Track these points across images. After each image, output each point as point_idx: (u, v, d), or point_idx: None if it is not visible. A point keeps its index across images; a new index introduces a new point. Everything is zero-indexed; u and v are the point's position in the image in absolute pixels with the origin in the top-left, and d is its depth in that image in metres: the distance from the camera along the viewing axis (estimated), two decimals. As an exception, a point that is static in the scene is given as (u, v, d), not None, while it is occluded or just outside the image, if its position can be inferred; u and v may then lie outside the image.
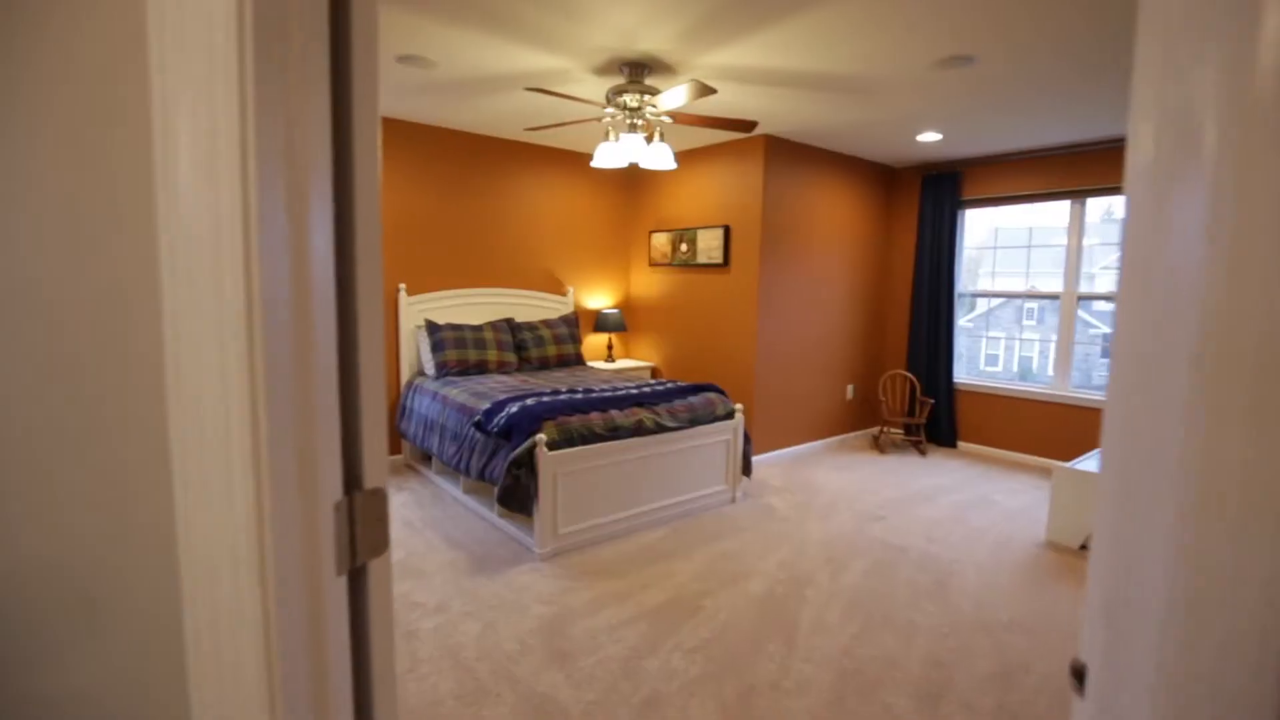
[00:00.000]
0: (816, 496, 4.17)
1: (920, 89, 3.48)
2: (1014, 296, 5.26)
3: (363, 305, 0.75)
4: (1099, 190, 4.66)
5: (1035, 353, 5.92)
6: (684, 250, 5.23)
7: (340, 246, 0.73)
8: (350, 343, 0.75)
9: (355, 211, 0.74)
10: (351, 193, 0.73)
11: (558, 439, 3.17)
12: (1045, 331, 5.42)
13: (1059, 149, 4.72)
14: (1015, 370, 5.76)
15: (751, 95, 3.68)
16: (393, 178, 4.51)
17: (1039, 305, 5.38)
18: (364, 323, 0.75)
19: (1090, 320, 5.44)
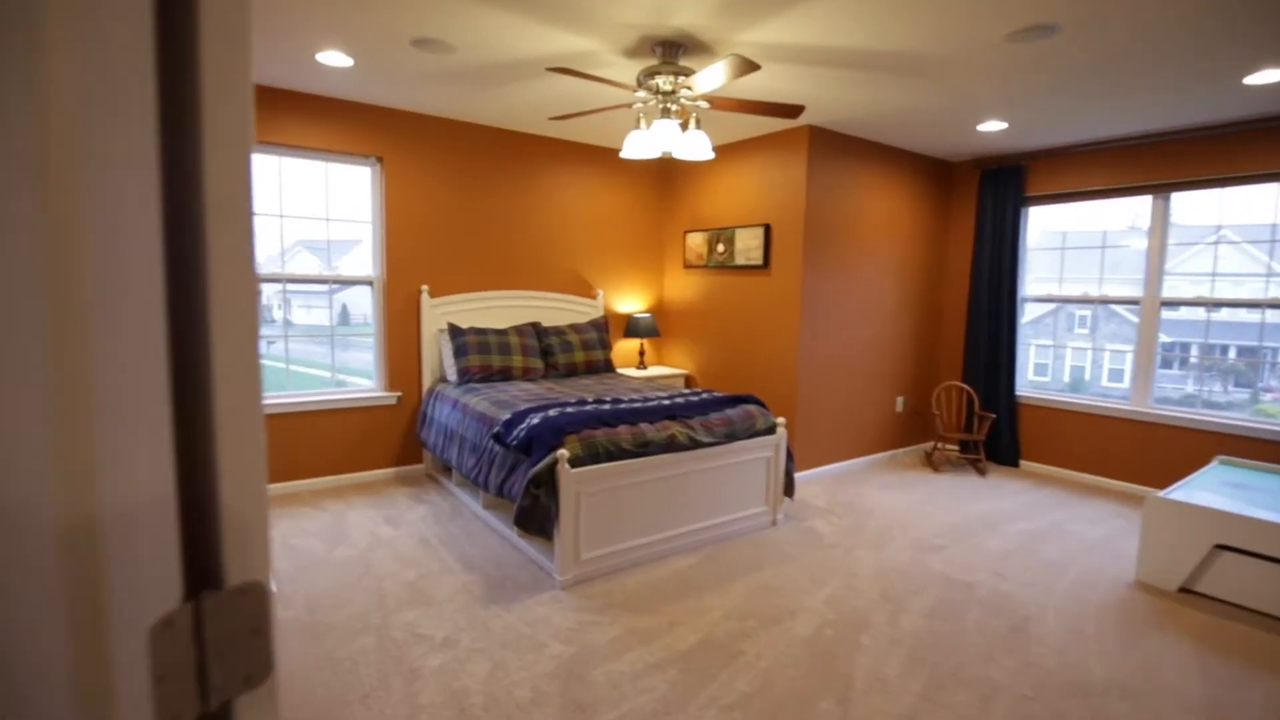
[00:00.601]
0: (866, 520, 3.79)
1: (987, 68, 3.10)
2: (1085, 302, 4.79)
3: (220, 296, 0.47)
4: (1187, 184, 4.17)
5: (1088, 363, 5.44)
6: (721, 251, 4.91)
7: (179, 217, 0.45)
8: (197, 352, 0.47)
9: (204, 169, 0.46)
10: (197, 146, 0.46)
11: (581, 455, 2.89)
12: (1098, 340, 4.95)
13: (1139, 139, 4.25)
14: (1065, 381, 5.28)
15: (795, 78, 3.35)
16: (413, 175, 4.32)
17: (1091, 312, 4.91)
18: (222, 323, 0.47)
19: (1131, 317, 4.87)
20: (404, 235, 4.31)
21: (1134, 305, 4.51)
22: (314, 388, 4.24)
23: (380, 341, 4.34)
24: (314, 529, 3.49)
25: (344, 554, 3.17)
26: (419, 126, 4.29)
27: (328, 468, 4.18)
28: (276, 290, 4.11)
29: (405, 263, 4.33)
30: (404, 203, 4.30)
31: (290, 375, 4.16)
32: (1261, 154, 3.86)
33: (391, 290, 4.30)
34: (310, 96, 3.90)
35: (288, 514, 3.70)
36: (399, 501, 3.93)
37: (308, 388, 4.25)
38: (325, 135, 3.99)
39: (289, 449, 4.04)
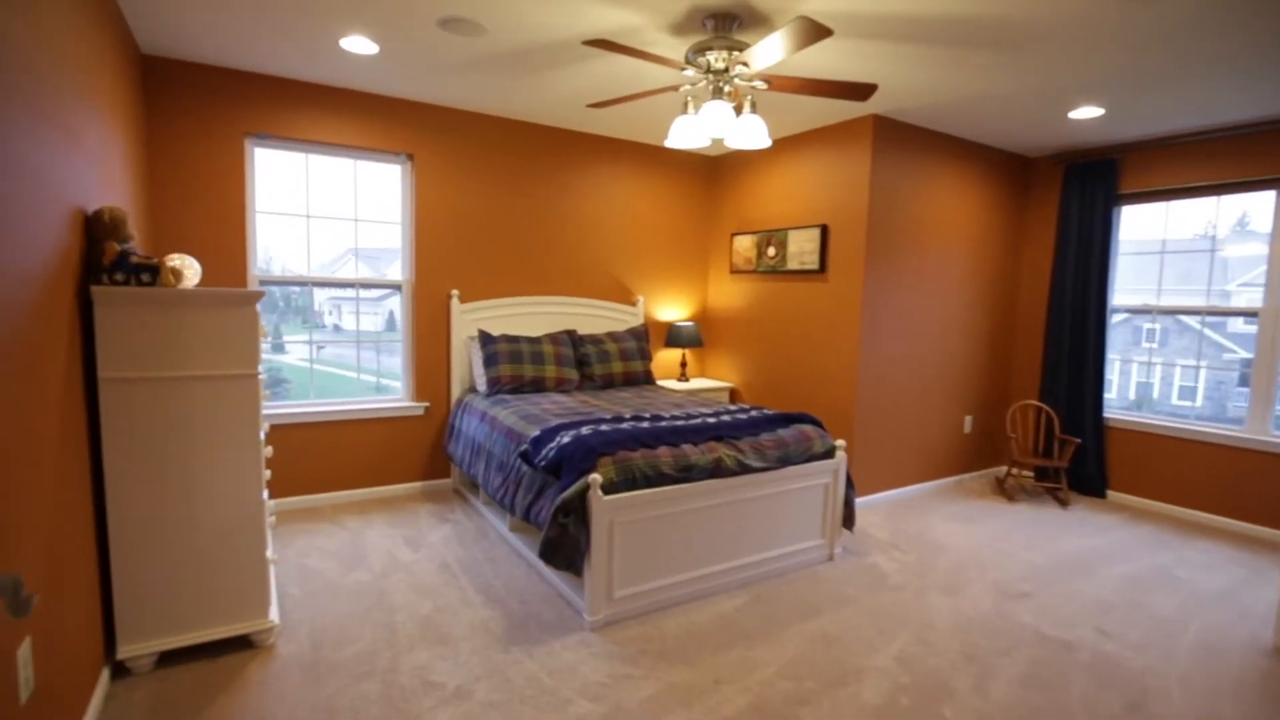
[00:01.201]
0: (936, 557, 3.35)
1: (1096, 37, 2.67)
2: (1189, 313, 4.23)
3: None
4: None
5: (1156, 378, 4.87)
6: (771, 255, 4.54)
7: None
8: None
9: None
10: None
11: (616, 479, 2.57)
12: (1168, 355, 4.42)
13: (1261, 125, 3.71)
14: (1132, 398, 4.71)
15: (865, 57, 2.98)
16: (444, 173, 4.10)
17: (1162, 325, 4.38)
18: None
19: (1224, 343, 4.33)
20: (434, 237, 4.09)
21: (1250, 317, 3.94)
22: (360, 394, 4.03)
23: (408, 349, 4.12)
24: (331, 548, 3.25)
25: (358, 579, 2.92)
26: (450, 122, 4.06)
27: (351, 481, 3.97)
28: (329, 296, 3.99)
29: (435, 266, 4.11)
30: (435, 202, 4.07)
31: (341, 381, 3.98)
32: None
33: (420, 295, 4.08)
34: (337, 90, 3.72)
35: (306, 531, 3.48)
36: (422, 520, 3.68)
37: (355, 394, 4.05)
38: (353, 131, 3.80)
39: (312, 461, 3.84)
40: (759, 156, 4.68)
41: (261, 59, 3.30)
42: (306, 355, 4.00)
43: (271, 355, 3.94)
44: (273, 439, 3.70)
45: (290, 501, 3.79)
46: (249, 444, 2.28)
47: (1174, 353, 4.49)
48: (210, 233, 3.50)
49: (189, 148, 3.41)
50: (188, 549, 2.21)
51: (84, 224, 2.12)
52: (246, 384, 2.26)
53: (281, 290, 3.86)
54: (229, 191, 3.52)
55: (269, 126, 3.59)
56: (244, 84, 3.50)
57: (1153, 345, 5.19)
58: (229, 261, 3.54)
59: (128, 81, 2.88)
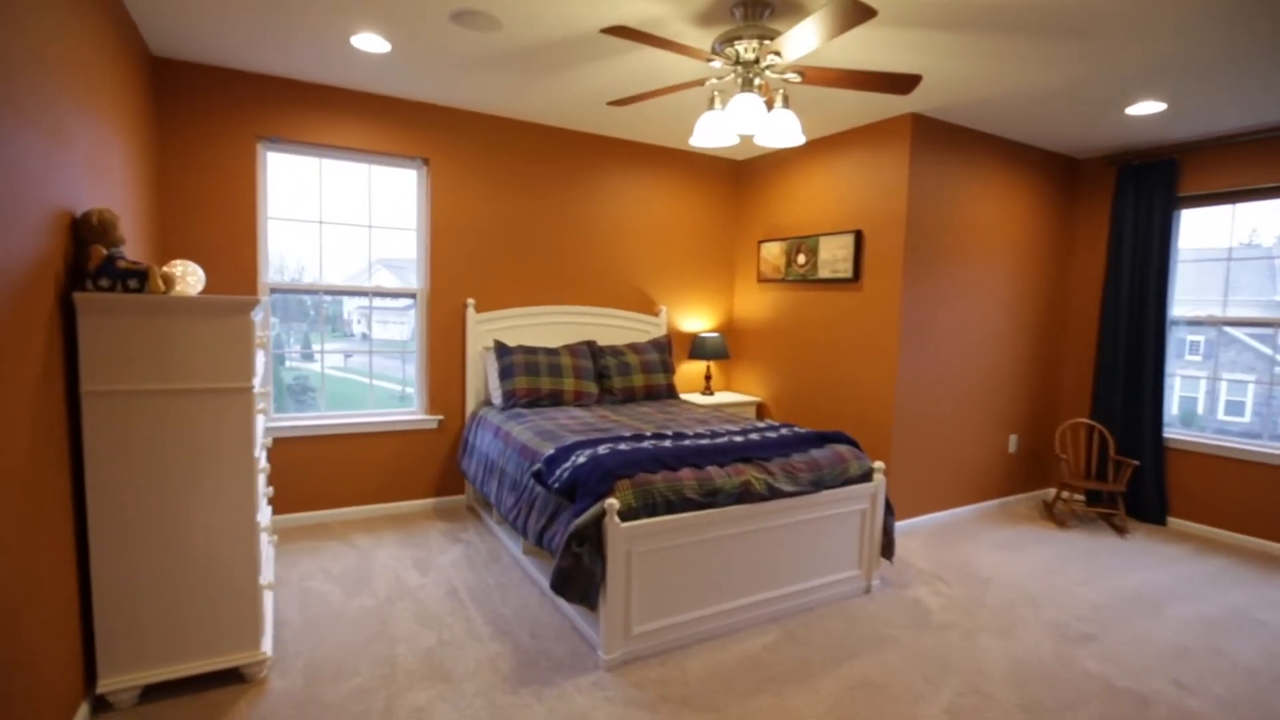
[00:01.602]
0: (983, 590, 3.07)
1: (1159, 20, 2.42)
2: (1261, 325, 3.88)
3: None
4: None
5: (1200, 392, 4.52)
6: (802, 263, 4.31)
7: None
8: None
9: None
10: None
11: (635, 505, 2.36)
12: (1212, 369, 4.11)
13: (1343, 121, 3.39)
14: (1175, 414, 4.36)
15: (903, 47, 2.76)
16: (460, 178, 3.96)
17: (1204, 337, 4.06)
18: None
19: (1262, 348, 3.97)
20: (450, 244, 3.95)
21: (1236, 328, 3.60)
22: (380, 404, 3.90)
23: (422, 360, 3.97)
24: (336, 570, 3.09)
25: (361, 605, 2.75)
26: (467, 124, 3.93)
27: (362, 497, 3.82)
28: (358, 305, 3.91)
29: (451, 274, 3.97)
30: (451, 208, 3.94)
31: (366, 390, 3.85)
32: None
33: (435, 304, 3.94)
34: (351, 92, 3.61)
35: (312, 549, 3.33)
36: (433, 540, 3.51)
37: (378, 404, 3.92)
38: (368, 134, 3.68)
39: (322, 476, 3.70)
40: (788, 160, 4.47)
41: (272, 59, 3.19)
42: (333, 363, 3.90)
43: (301, 364, 3.83)
44: (281, 453, 3.57)
45: (299, 518, 3.65)
46: (242, 463, 2.13)
47: (1220, 365, 4.17)
48: (220, 239, 3.39)
49: (200, 151, 3.32)
50: (175, 575, 2.06)
51: (71, 227, 2.00)
52: (239, 398, 2.11)
53: (313, 299, 3.77)
54: (240, 196, 3.42)
55: (282, 130, 3.49)
56: (256, 86, 3.40)
57: (1197, 358, 4.85)
58: (239, 268, 3.43)
59: (135, 83, 2.79)
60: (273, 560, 2.90)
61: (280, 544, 3.38)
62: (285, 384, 3.84)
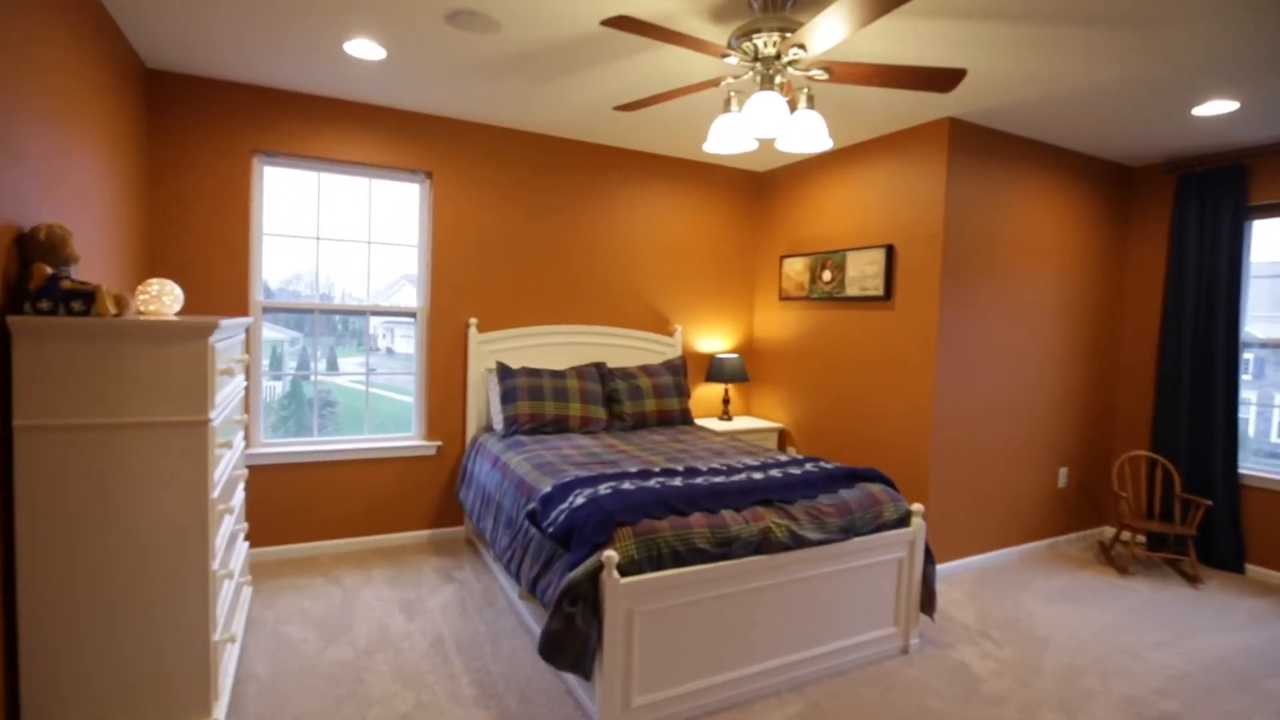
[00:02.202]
0: (1039, 654, 2.70)
1: (1239, 4, 2.10)
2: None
3: None
4: None
5: (1252, 417, 4.08)
6: (827, 279, 4.01)
7: None
8: None
9: None
10: None
11: (637, 556, 2.07)
12: (1266, 389, 3.68)
13: None
14: None
15: (942, 41, 2.47)
16: (464, 192, 3.75)
17: (1254, 356, 3.65)
18: None
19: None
20: (452, 261, 3.74)
21: None
22: (377, 427, 3.69)
23: (421, 382, 3.75)
24: (316, 612, 2.85)
25: (337, 656, 2.49)
26: (471, 136, 3.73)
27: (353, 528, 3.59)
28: (384, 321, 3.81)
29: (453, 292, 3.75)
30: (453, 223, 3.73)
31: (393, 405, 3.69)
32: None
33: (435, 323, 3.72)
34: (349, 104, 3.44)
35: (295, 587, 3.10)
36: (425, 578, 3.25)
37: (384, 426, 3.72)
38: (368, 147, 3.50)
39: (312, 505, 3.48)
40: (812, 170, 4.18)
41: (265, 70, 3.03)
42: (359, 377, 3.76)
43: (326, 376, 3.67)
44: (269, 481, 3.37)
45: (285, 551, 3.43)
46: (196, 505, 1.89)
47: (1272, 385, 3.77)
48: (213, 255, 3.23)
49: (194, 165, 3.17)
50: (116, 634, 1.82)
51: (15, 243, 1.81)
52: (194, 433, 1.88)
53: (342, 315, 3.66)
54: (234, 212, 3.26)
55: (278, 143, 3.33)
56: (251, 98, 3.25)
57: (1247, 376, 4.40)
58: (231, 286, 3.26)
59: (123, 95, 2.64)
60: (245, 602, 2.67)
61: (262, 580, 3.15)
62: (306, 398, 3.71)
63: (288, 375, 3.65)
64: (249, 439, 3.34)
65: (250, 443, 3.36)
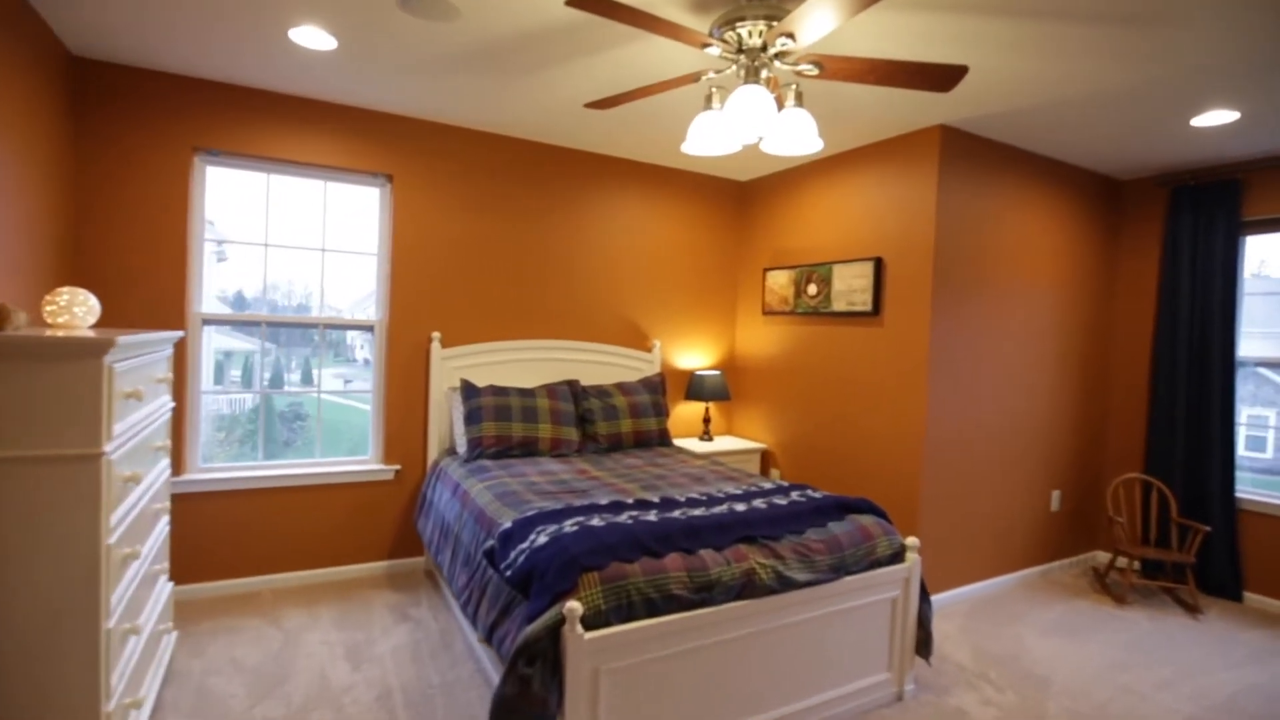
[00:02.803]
0: (1043, 698, 2.50)
1: (1261, 3, 1.95)
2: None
3: None
4: None
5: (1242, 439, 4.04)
6: (813, 293, 3.82)
7: None
8: None
9: None
10: None
11: (604, 607, 1.83)
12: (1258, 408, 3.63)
13: None
14: None
15: (938, 39, 2.30)
16: (428, 197, 3.51)
17: (1250, 375, 3.59)
18: None
19: None
20: (414, 271, 3.48)
21: None
22: (331, 449, 3.40)
23: (378, 401, 3.47)
24: (251, 661, 2.55)
25: (267, 715, 2.20)
26: (435, 138, 3.49)
27: (301, 560, 3.29)
28: (360, 332, 3.52)
29: (414, 304, 3.49)
30: (416, 231, 3.48)
31: (320, 434, 3.35)
32: None
33: (395, 337, 3.45)
34: (303, 100, 3.18)
35: (229, 629, 2.79)
36: (377, 616, 2.96)
37: (335, 447, 3.42)
38: (322, 147, 3.24)
39: (255, 536, 3.18)
40: (797, 179, 4.01)
41: (203, 60, 2.77)
42: (335, 387, 3.54)
43: (273, 392, 3.41)
44: (208, 510, 3.06)
45: (223, 587, 3.12)
46: (83, 554, 1.61)
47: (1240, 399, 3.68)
48: (146, 262, 2.94)
49: (127, 163, 2.89)
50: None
51: None
52: (83, 469, 1.60)
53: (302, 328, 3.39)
54: (172, 214, 2.98)
55: (222, 141, 3.06)
56: (192, 91, 2.98)
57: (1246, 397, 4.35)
58: (165, 295, 2.97)
59: (38, 82, 2.36)
60: (166, 652, 2.36)
61: (193, 622, 2.84)
62: (278, 411, 3.44)
63: (226, 394, 3.35)
64: (179, 466, 3.04)
65: (183, 469, 3.05)
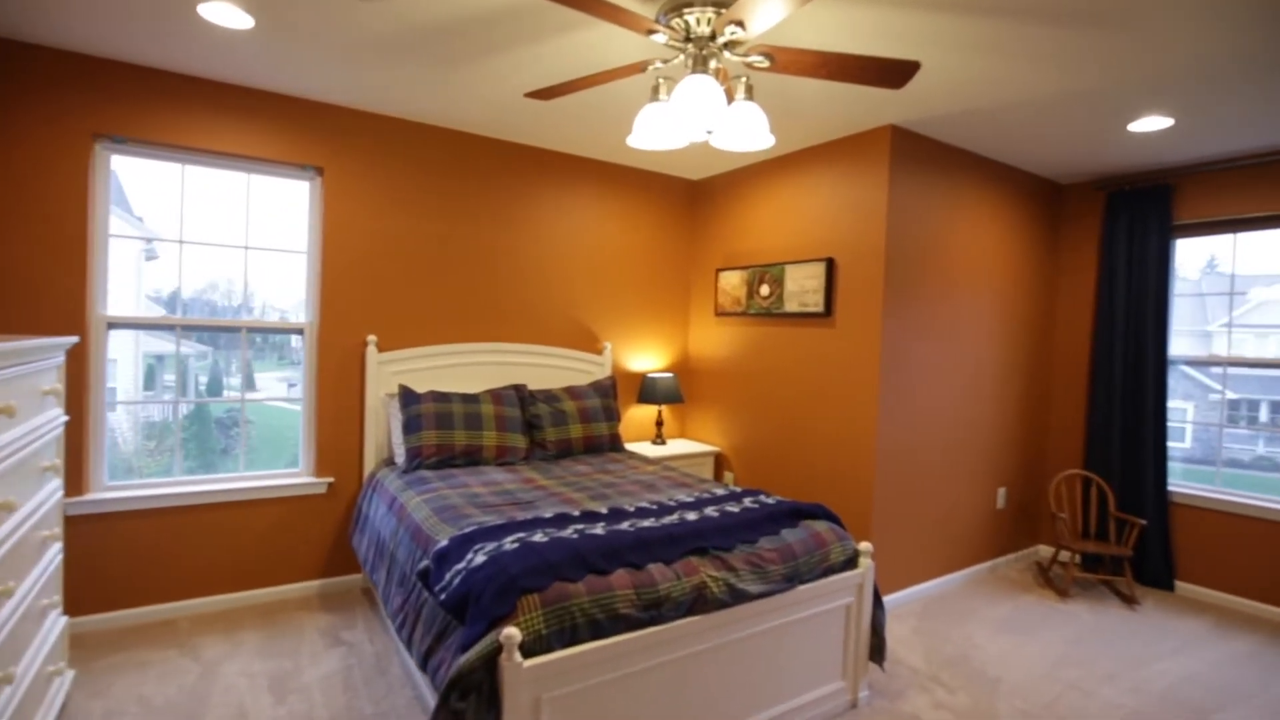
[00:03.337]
0: (994, 698, 2.50)
1: (1191, 10, 1.98)
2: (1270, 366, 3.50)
3: None
4: None
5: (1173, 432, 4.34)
6: (765, 294, 3.78)
7: None
8: None
9: None
10: None
11: (546, 631, 1.70)
12: (1177, 400, 3.84)
13: (1357, 143, 3.06)
14: None
15: (894, 37, 2.27)
16: (362, 193, 3.30)
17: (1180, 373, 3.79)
18: None
19: (1206, 381, 3.79)
20: (348, 269, 3.27)
21: None
22: (259, 462, 3.15)
23: (309, 410, 3.24)
24: (160, 699, 2.32)
25: (175, 762, 1.99)
26: (369, 129, 3.29)
27: (224, 583, 3.04)
28: None
29: (348, 305, 3.28)
30: (349, 228, 3.27)
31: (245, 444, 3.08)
32: None
33: (326, 342, 3.24)
34: (217, 83, 2.94)
35: (139, 664, 2.54)
36: (307, 642, 2.76)
37: (261, 461, 3.16)
38: (243, 137, 3.00)
39: (171, 558, 2.92)
40: (749, 179, 3.96)
41: (103, 36, 2.51)
42: (279, 392, 3.33)
43: (215, 398, 3.21)
44: (108, 532, 2.79)
45: (129, 616, 2.85)
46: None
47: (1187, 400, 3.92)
48: (34, 259, 2.65)
49: (11, 149, 2.60)
50: None
51: None
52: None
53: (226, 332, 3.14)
54: (68, 207, 2.70)
55: (128, 128, 2.79)
56: (90, 71, 2.70)
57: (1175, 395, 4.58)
58: (59, 296, 2.69)
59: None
60: (58, 696, 2.12)
61: (96, 657, 2.57)
62: (215, 418, 3.17)
63: (139, 403, 3.07)
64: (80, 485, 2.76)
65: (84, 489, 2.77)
